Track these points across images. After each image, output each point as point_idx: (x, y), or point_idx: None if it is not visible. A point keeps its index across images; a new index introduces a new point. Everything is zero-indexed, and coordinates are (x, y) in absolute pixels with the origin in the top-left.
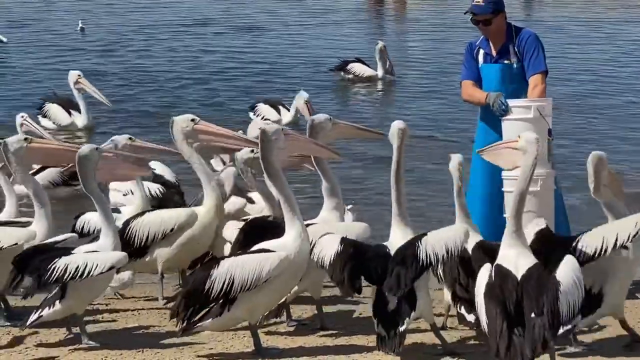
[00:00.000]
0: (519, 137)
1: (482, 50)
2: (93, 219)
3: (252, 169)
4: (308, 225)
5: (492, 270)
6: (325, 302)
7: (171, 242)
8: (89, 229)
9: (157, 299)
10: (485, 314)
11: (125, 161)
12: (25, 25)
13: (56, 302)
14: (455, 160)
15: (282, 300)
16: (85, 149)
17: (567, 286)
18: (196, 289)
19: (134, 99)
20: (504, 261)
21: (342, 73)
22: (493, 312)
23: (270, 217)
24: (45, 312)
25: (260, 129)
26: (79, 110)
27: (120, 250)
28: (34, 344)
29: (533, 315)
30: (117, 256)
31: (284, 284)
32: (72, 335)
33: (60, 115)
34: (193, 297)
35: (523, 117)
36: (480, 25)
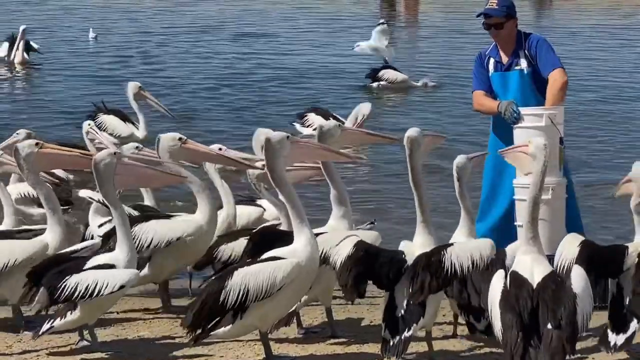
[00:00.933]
0: (530, 142)
1: (492, 59)
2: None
3: (264, 184)
4: (317, 234)
5: (506, 277)
6: (335, 309)
7: (169, 254)
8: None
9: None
10: (501, 323)
11: (145, 167)
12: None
13: (68, 313)
14: (457, 160)
15: (292, 309)
16: (102, 154)
17: (582, 297)
18: (211, 300)
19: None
20: (520, 268)
21: (373, 82)
22: (509, 321)
23: (279, 226)
24: (57, 322)
25: (266, 139)
26: (132, 122)
27: (135, 261)
28: (46, 352)
29: (550, 326)
30: (129, 275)
31: (296, 291)
32: (85, 343)
33: (120, 127)
34: (208, 308)
35: (535, 125)
36: (492, 29)
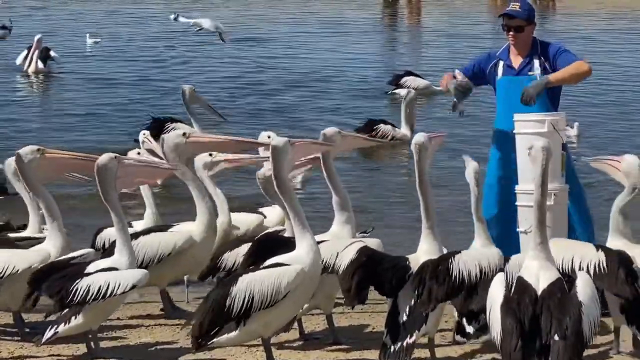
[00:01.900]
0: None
1: (502, 62)
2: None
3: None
4: (320, 242)
5: (506, 280)
6: (337, 316)
7: (168, 265)
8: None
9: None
10: (501, 328)
11: (144, 168)
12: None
13: (72, 318)
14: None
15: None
16: (104, 158)
17: (589, 305)
18: (217, 307)
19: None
20: (526, 273)
21: (395, 88)
22: (509, 327)
23: (282, 232)
24: (61, 328)
25: (272, 146)
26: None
27: (135, 265)
28: (48, 359)
29: (557, 337)
30: (139, 274)
31: (299, 297)
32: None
33: None
34: (214, 315)
35: (537, 132)
36: (511, 31)
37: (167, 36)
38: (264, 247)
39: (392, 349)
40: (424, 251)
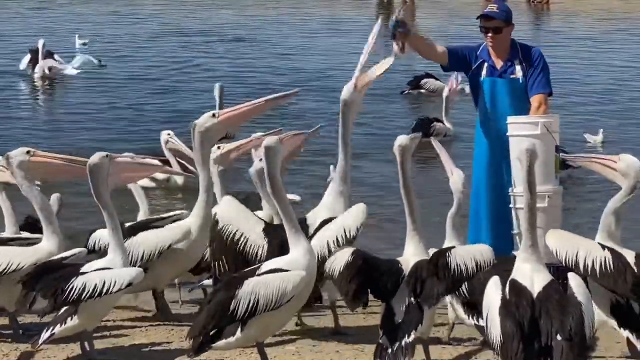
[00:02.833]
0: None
1: (485, 63)
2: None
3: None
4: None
5: (503, 283)
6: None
7: (164, 262)
8: (102, 247)
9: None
10: (501, 332)
11: (133, 164)
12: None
13: (68, 319)
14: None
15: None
16: (95, 158)
17: (587, 306)
18: (221, 309)
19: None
20: (519, 276)
21: (413, 89)
22: (510, 331)
23: None
24: (57, 329)
25: (265, 146)
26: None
27: (128, 265)
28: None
29: (559, 338)
30: (134, 272)
31: (298, 302)
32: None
33: None
34: (218, 318)
35: (530, 133)
36: (490, 33)
37: (167, 38)
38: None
39: (390, 350)
40: (412, 253)
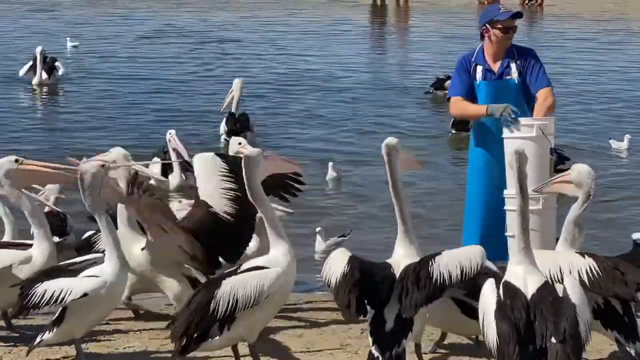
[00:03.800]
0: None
1: (479, 67)
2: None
3: None
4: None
5: (498, 286)
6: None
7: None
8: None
9: (157, 319)
10: (497, 334)
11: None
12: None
13: (55, 326)
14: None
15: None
16: (88, 166)
17: (582, 308)
18: (201, 311)
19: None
20: (512, 278)
21: (436, 90)
22: (506, 333)
23: None
24: (46, 336)
25: (244, 155)
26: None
27: (125, 270)
28: None
29: (554, 340)
30: (92, 283)
31: (280, 299)
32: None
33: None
34: (199, 319)
35: (525, 136)
36: (509, 32)
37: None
38: None
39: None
40: (402, 255)
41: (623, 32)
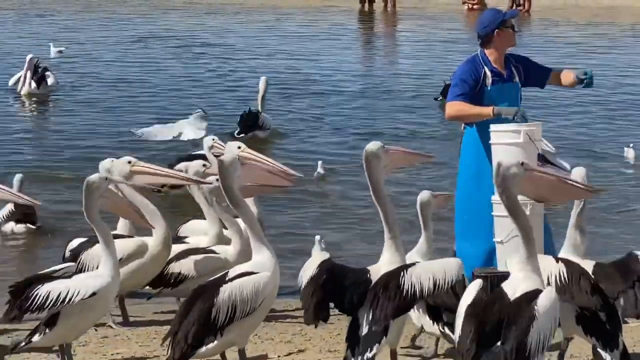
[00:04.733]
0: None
1: (489, 72)
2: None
3: (216, 197)
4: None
5: (482, 286)
6: (308, 330)
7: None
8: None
9: (149, 324)
10: (460, 329)
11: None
12: None
13: (46, 330)
14: (421, 196)
15: None
16: (94, 177)
17: (541, 320)
18: (203, 319)
19: None
20: (509, 283)
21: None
22: (466, 331)
23: None
24: (36, 338)
25: (218, 159)
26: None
27: (119, 278)
28: None
29: (499, 343)
30: (100, 282)
31: (269, 304)
32: None
33: None
34: (200, 327)
35: (513, 142)
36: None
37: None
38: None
39: None
40: (386, 262)
41: (610, 38)
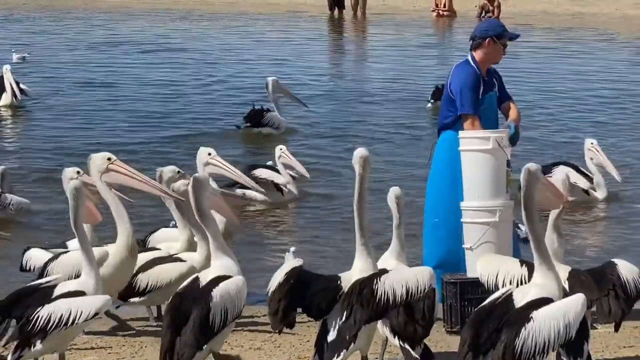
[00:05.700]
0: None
1: (481, 79)
2: (38, 256)
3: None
4: None
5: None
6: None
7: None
8: (33, 267)
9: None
10: (460, 336)
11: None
12: None
13: (37, 342)
14: (395, 191)
15: None
16: (77, 182)
17: (539, 324)
18: (201, 324)
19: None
20: (520, 290)
21: (436, 101)
22: (465, 336)
23: None
24: (25, 351)
25: (193, 177)
26: None
27: (101, 287)
28: None
29: (492, 351)
30: (101, 301)
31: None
32: None
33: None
34: (204, 334)
35: (482, 148)
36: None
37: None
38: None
39: None
40: (358, 269)
41: (577, 42)
